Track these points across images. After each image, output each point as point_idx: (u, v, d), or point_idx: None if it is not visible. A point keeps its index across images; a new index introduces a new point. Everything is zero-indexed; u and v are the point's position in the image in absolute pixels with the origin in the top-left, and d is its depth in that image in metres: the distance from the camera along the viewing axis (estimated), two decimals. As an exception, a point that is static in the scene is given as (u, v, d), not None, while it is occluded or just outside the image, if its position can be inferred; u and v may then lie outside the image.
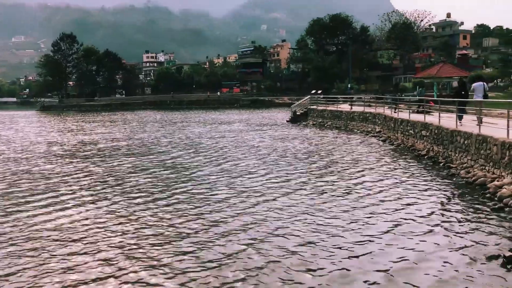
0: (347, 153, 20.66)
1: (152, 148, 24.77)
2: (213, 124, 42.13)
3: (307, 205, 11.43)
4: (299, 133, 31.06)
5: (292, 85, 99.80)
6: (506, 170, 12.38)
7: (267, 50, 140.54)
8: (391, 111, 27.78)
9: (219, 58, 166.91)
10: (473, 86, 18.61)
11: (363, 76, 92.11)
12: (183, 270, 7.42)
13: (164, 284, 6.92)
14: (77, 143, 28.39)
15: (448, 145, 17.03)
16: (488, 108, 20.11)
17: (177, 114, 63.48)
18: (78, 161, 20.07)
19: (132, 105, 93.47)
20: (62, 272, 7.38)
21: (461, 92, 19.33)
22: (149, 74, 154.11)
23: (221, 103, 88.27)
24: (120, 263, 7.76)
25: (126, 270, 7.42)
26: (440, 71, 41.58)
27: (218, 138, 28.90)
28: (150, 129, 38.07)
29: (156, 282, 6.96)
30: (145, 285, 6.88)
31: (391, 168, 16.64)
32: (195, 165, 18.26)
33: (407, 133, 22.44)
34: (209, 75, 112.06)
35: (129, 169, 17.55)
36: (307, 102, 44.94)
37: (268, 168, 17.09)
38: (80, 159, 20.72)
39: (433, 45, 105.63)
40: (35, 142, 29.49)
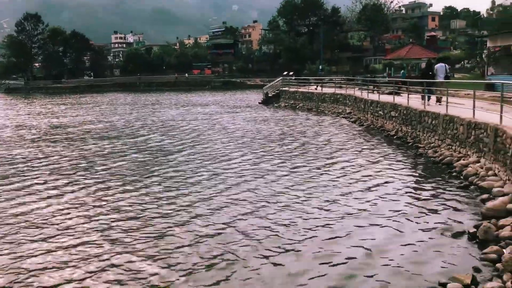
0: (318, 135, 20.90)
1: (125, 131, 24.43)
2: (186, 106, 41.81)
3: (282, 186, 11.55)
4: (272, 115, 31.16)
5: (264, 66, 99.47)
6: (472, 149, 12.78)
7: (239, 31, 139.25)
8: (362, 92, 28.13)
9: (190, 39, 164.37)
10: (435, 68, 19.31)
11: (334, 57, 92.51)
12: (159, 252, 7.44)
13: (141, 267, 6.92)
14: (47, 126, 27.71)
15: (416, 126, 17.43)
16: (454, 89, 20.59)
17: (148, 96, 62.52)
18: (49, 145, 19.63)
19: (101, 87, 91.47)
20: (37, 262, 7.26)
21: (427, 73, 19.80)
22: (118, 55, 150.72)
23: (192, 85, 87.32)
24: (95, 248, 7.71)
25: (102, 255, 7.38)
26: (409, 53, 42.19)
27: (192, 121, 28.74)
28: (122, 112, 37.45)
29: (132, 266, 6.95)
30: (121, 269, 6.86)
31: (361, 148, 16.93)
32: (170, 148, 18.16)
33: (376, 114, 22.81)
34: (179, 56, 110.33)
35: (103, 153, 17.30)
36: (279, 83, 44.97)
37: (243, 150, 17.14)
38: (51, 143, 20.26)
39: (403, 26, 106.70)
40: (1, 125, 28.64)
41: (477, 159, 12.21)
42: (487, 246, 7.10)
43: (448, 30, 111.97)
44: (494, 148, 11.14)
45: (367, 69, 76.71)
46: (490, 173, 10.93)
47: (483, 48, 42.55)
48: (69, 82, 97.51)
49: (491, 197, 9.45)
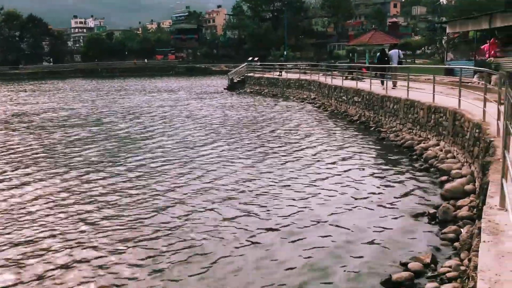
0: (284, 121, 20.98)
1: (92, 118, 23.71)
2: (151, 93, 41.05)
3: (251, 173, 11.54)
4: (238, 101, 31.03)
5: (229, 52, 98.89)
6: (432, 132, 13.12)
7: (203, 16, 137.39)
8: (326, 78, 28.35)
9: (153, 24, 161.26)
10: (389, 54, 20.42)
11: (299, 43, 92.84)
12: (132, 239, 7.33)
13: (116, 254, 6.80)
14: (8, 114, 26.53)
15: (379, 110, 17.74)
16: (415, 74, 21.04)
17: (112, 83, 60.99)
18: (11, 134, 18.88)
19: (61, 73, 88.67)
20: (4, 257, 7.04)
21: (382, 59, 20.81)
22: (79, 40, 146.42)
23: (156, 70, 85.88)
24: (68, 237, 7.52)
25: (76, 244, 7.20)
26: (372, 39, 42.71)
27: (159, 107, 28.27)
28: (87, 99, 36.30)
29: (105, 258, 6.82)
30: (92, 262, 6.72)
31: (324, 134, 17.11)
32: (138, 136, 17.79)
33: (340, 99, 23.07)
34: (142, 42, 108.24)
35: (70, 141, 16.76)
36: (244, 69, 44.81)
37: (211, 137, 17.01)
38: (13, 132, 19.51)
39: (366, 13, 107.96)
40: None
41: (437, 142, 12.55)
42: (446, 226, 7.33)
43: (409, 16, 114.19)
44: (452, 131, 11.46)
45: (331, 55, 77.44)
46: (449, 155, 11.26)
47: (442, 34, 43.58)
48: (27, 68, 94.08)
49: (450, 179, 9.74)
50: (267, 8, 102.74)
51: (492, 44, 21.24)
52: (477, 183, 8.22)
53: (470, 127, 10.04)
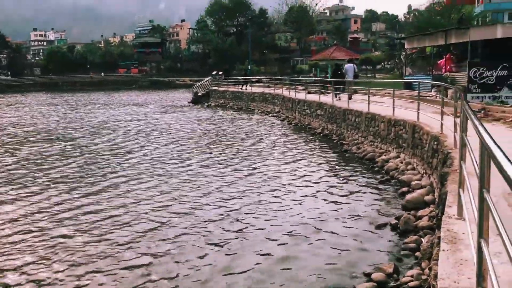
0: (249, 134, 21.04)
1: (63, 134, 22.66)
2: (118, 107, 40.31)
3: (216, 185, 11.50)
4: (202, 115, 30.92)
5: (193, 66, 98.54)
6: (392, 145, 13.44)
7: (166, 30, 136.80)
8: (289, 91, 28.66)
9: (115, 37, 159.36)
10: (345, 68, 21.48)
11: (263, 58, 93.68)
12: (110, 265, 7.12)
13: (89, 268, 6.58)
14: None
15: (341, 123, 18.05)
16: (376, 88, 21.57)
17: (75, 97, 59.16)
18: None
19: (20, 86, 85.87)
20: None
21: (337, 73, 22.17)
22: (39, 53, 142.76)
23: (119, 84, 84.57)
24: (44, 252, 7.23)
25: (51, 261, 6.94)
26: (334, 54, 43.62)
27: (126, 122, 27.62)
28: (54, 113, 34.87)
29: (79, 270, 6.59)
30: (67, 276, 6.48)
31: (288, 146, 17.24)
32: (110, 152, 17.13)
33: (304, 112, 23.36)
34: (104, 55, 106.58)
35: (43, 158, 15.95)
36: (209, 83, 44.78)
37: (178, 152, 16.82)
38: None
39: (327, 28, 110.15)
40: None
41: (397, 154, 12.86)
42: (407, 236, 7.48)
43: (370, 32, 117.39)
44: (412, 143, 11.78)
45: (294, 70, 78.36)
46: (409, 167, 11.54)
47: (401, 50, 44.97)
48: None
49: (410, 190, 9.97)
50: (231, 23, 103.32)
51: (448, 60, 22.10)
52: (436, 193, 8.45)
53: (428, 139, 10.34)
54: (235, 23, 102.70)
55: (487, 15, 55.92)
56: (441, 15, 44.37)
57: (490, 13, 56.72)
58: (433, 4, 62.38)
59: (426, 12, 55.29)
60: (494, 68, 19.44)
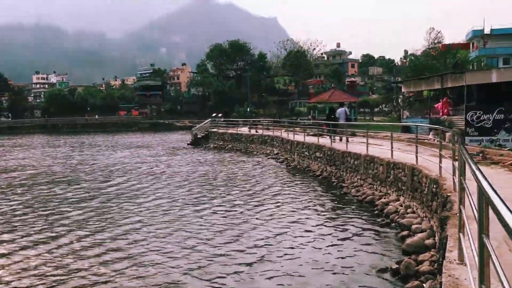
0: (248, 176, 21.01)
1: (72, 176, 22.30)
2: (116, 150, 40.38)
3: (215, 228, 11.42)
4: (202, 157, 30.90)
5: (193, 108, 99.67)
6: (392, 188, 13.42)
7: (167, 73, 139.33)
8: (288, 133, 28.85)
9: (117, 80, 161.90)
10: (337, 112, 21.99)
11: (262, 100, 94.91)
12: None
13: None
14: None
15: (340, 166, 18.08)
16: (374, 131, 21.75)
17: (77, 138, 58.67)
18: None
19: (20, 128, 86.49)
20: None
21: (331, 116, 22.88)
22: (40, 96, 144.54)
23: (119, 126, 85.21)
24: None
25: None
26: (332, 97, 44.32)
27: (130, 165, 27.31)
28: (60, 155, 34.20)
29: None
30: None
31: (288, 189, 17.19)
32: (120, 196, 16.98)
33: (302, 154, 23.44)
34: (105, 98, 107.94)
35: (54, 202, 15.47)
36: (208, 125, 45.14)
37: (179, 195, 16.73)
38: None
39: (325, 72, 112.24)
40: None
41: (397, 197, 12.83)
42: (409, 281, 7.36)
43: (366, 76, 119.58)
44: (411, 186, 11.77)
45: (293, 112, 79.22)
46: (409, 210, 11.49)
47: (398, 93, 45.65)
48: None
49: (410, 233, 9.88)
50: (230, 67, 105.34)
51: (445, 103, 22.39)
52: (437, 237, 8.38)
53: (427, 182, 10.34)
54: (235, 67, 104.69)
55: (482, 60, 57.16)
56: (437, 59, 45.35)
57: (485, 58, 58.01)
58: (429, 49, 63.94)
59: (422, 56, 56.58)
60: (490, 111, 19.68)
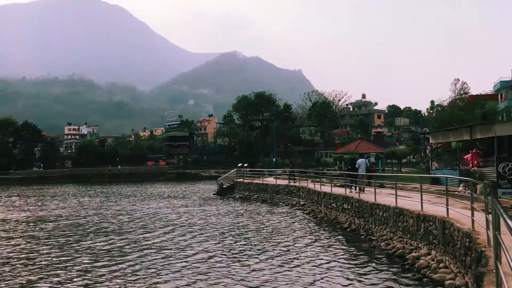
0: (273, 227, 20.78)
1: (113, 227, 22.07)
2: (153, 200, 40.73)
3: (245, 282, 11.28)
4: (229, 208, 30.71)
5: (219, 158, 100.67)
6: (422, 241, 13.05)
7: (194, 124, 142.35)
8: (314, 184, 28.65)
9: (146, 131, 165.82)
10: (357, 163, 22.02)
11: (287, 150, 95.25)
12: None
13: None
14: (22, 221, 25.02)
15: (369, 218, 17.74)
16: (402, 182, 21.45)
17: (107, 188, 59.29)
18: (32, 243, 17.47)
19: (50, 178, 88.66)
20: None
21: (352, 167, 23.13)
22: (71, 146, 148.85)
23: (146, 176, 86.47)
24: None
25: None
26: (358, 147, 44.13)
27: (163, 216, 27.36)
28: (96, 205, 34.20)
29: None
30: None
31: (316, 242, 16.89)
32: (160, 249, 17.03)
33: (330, 206, 23.15)
34: (134, 148, 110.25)
35: (96, 254, 15.34)
36: (234, 175, 45.33)
37: (208, 244, 16.69)
38: (33, 241, 18.09)
39: (351, 122, 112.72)
40: None
41: (428, 251, 12.44)
42: None
43: (393, 127, 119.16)
44: (443, 240, 11.43)
45: (319, 162, 79.00)
46: (441, 265, 11.11)
47: (426, 144, 45.19)
48: (17, 173, 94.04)
49: (444, 290, 9.52)
50: (256, 118, 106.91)
51: (475, 154, 22.03)
52: (473, 294, 8.04)
53: (460, 236, 10.05)
54: (260, 118, 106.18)
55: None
56: (465, 110, 45.06)
57: (514, 109, 57.31)
58: (456, 99, 63.73)
59: (449, 107, 56.32)
60: (523, 163, 19.21)
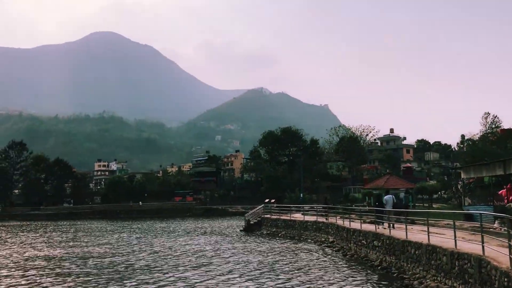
0: (304, 266, 20.41)
1: (157, 265, 21.83)
2: (184, 236, 40.74)
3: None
4: (257, 245, 30.22)
5: (246, 193, 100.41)
6: (457, 280, 12.58)
7: (221, 160, 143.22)
8: (343, 221, 28.15)
9: (173, 167, 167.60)
10: (385, 199, 21.86)
11: (314, 186, 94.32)
12: None
13: None
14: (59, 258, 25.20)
15: (400, 256, 17.27)
16: (434, 219, 20.89)
17: (138, 224, 59.02)
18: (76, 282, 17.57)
19: (80, 214, 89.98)
20: None
21: (376, 203, 23.52)
22: (100, 182, 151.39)
23: (173, 212, 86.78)
24: None
25: None
26: (388, 183, 43.42)
27: (200, 252, 27.10)
28: (132, 242, 34.10)
29: None
30: None
31: (345, 280, 16.50)
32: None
33: (359, 243, 22.66)
34: (162, 184, 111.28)
35: None
36: (261, 211, 45.03)
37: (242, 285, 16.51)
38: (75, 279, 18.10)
39: (379, 157, 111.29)
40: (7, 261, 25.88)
41: (464, 291, 11.97)
42: None
43: (423, 161, 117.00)
44: (479, 279, 11.01)
45: (347, 198, 77.82)
46: (479, 306, 10.66)
47: (457, 179, 44.14)
48: (47, 209, 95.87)
49: (483, 332, 9.10)
50: (283, 153, 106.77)
51: (509, 190, 21.38)
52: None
53: (497, 275, 9.68)
54: (287, 153, 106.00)
55: (546, 144, 54.93)
56: (497, 144, 44.09)
57: (548, 142, 55.72)
58: (487, 133, 62.46)
59: (480, 141, 55.20)
60: (560, 198, 18.53)
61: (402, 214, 20.97)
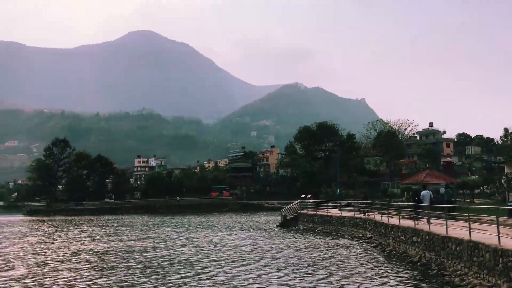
0: (342, 262, 20.40)
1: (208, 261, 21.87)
2: (225, 230, 41.17)
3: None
4: (294, 240, 30.29)
5: (281, 189, 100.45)
6: (501, 277, 12.34)
7: (257, 155, 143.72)
8: (381, 216, 27.85)
9: (210, 163, 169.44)
10: (422, 194, 21.90)
11: (351, 181, 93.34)
12: None
13: None
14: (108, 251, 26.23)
15: (440, 252, 17.03)
16: (476, 214, 20.45)
17: (178, 219, 60.27)
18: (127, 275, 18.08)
19: (121, 209, 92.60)
20: None
21: (415, 199, 23.54)
22: (140, 178, 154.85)
23: (211, 207, 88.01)
24: None
25: None
26: (427, 178, 42.47)
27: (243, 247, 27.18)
28: (178, 236, 34.73)
29: None
30: None
31: (385, 276, 16.42)
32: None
33: (398, 239, 22.43)
34: (199, 179, 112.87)
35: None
36: (297, 206, 45.07)
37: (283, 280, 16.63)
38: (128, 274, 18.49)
39: (418, 152, 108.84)
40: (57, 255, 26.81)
41: (508, 288, 11.75)
42: None
43: (464, 155, 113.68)
44: (524, 276, 10.79)
45: (385, 193, 76.66)
46: (523, 303, 10.46)
47: (501, 174, 42.75)
48: (91, 204, 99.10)
49: (527, 330, 8.96)
50: (319, 148, 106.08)
51: (556, 184, 20.66)
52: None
53: (543, 272, 9.47)
54: (323, 148, 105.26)
55: None
56: (542, 137, 42.40)
57: None
58: (532, 126, 59.96)
59: (524, 134, 53.17)
60: None
61: (444, 209, 20.41)
